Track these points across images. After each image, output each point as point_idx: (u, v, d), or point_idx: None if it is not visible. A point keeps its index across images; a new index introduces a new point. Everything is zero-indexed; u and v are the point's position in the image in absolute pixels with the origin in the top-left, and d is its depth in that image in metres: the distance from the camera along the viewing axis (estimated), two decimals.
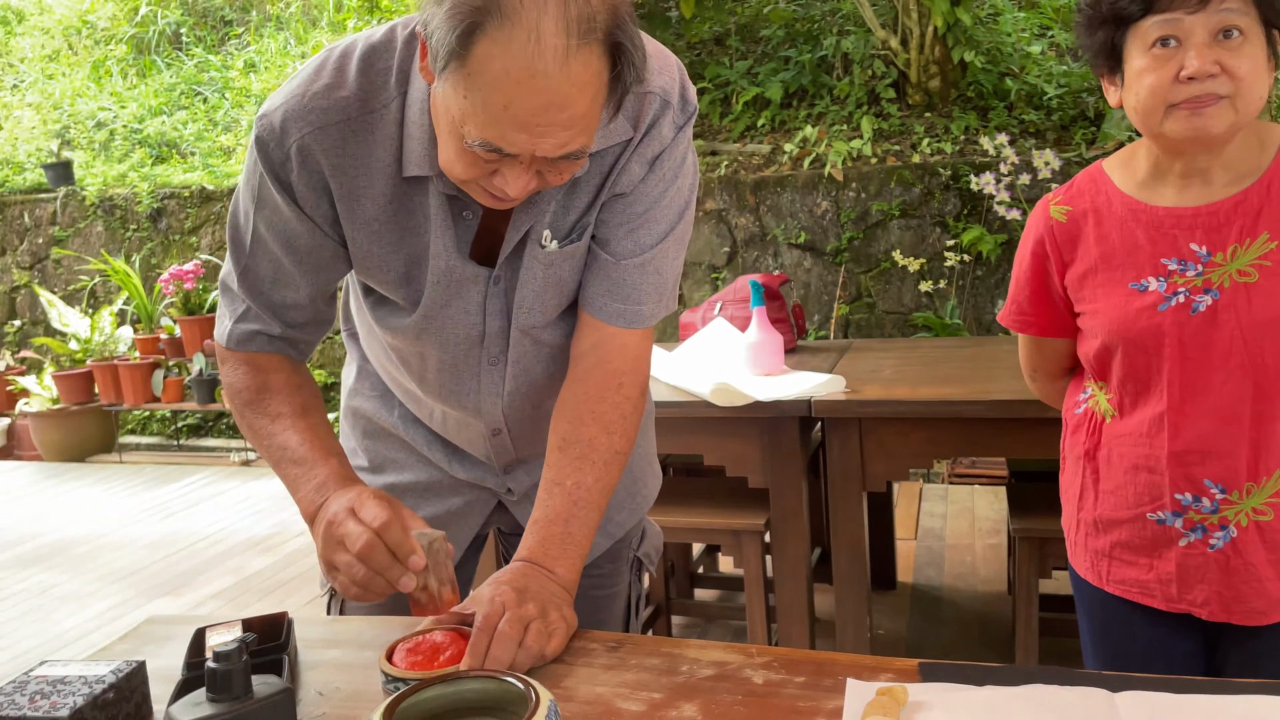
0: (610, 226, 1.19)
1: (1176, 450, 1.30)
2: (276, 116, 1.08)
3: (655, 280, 1.21)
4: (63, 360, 5.95)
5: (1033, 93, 4.94)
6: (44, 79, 8.02)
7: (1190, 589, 1.33)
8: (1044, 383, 1.56)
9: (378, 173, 1.10)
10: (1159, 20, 1.20)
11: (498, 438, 1.31)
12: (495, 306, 1.20)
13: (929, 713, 0.92)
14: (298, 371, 1.23)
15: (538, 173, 1.02)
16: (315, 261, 1.16)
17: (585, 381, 1.20)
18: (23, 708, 0.92)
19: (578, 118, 0.96)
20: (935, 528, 3.78)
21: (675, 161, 1.18)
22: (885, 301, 4.74)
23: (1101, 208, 1.35)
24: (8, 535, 4.48)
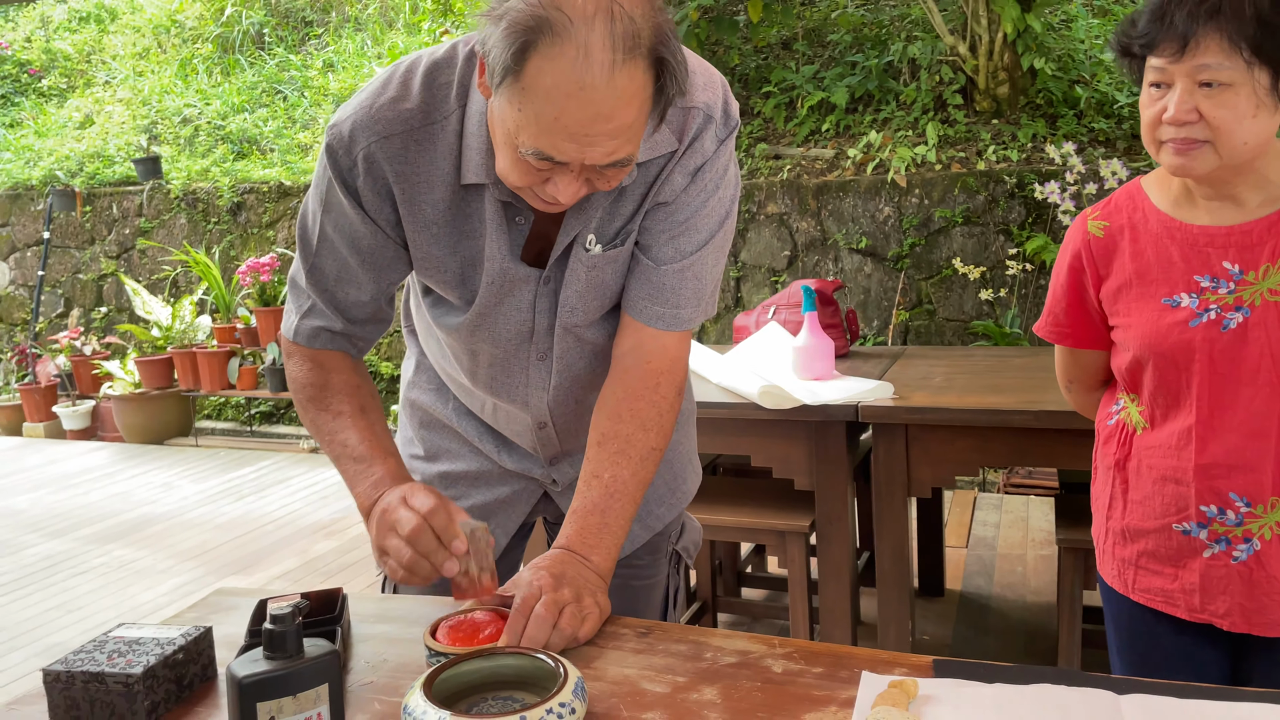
0: (653, 233, 1.25)
1: (1203, 463, 1.33)
2: (346, 126, 1.17)
3: (694, 285, 1.27)
4: (145, 346, 6.20)
5: (1104, 100, 4.88)
6: (134, 76, 8.35)
7: (1213, 600, 1.35)
8: (1079, 393, 1.59)
9: (438, 180, 1.18)
10: (1152, 63, 1.27)
11: (543, 430, 1.38)
12: (544, 305, 1.27)
13: (937, 706, 0.96)
14: (357, 371, 1.31)
15: (587, 179, 1.08)
16: (378, 261, 1.24)
17: (625, 380, 1.27)
18: (101, 664, 1.02)
19: (624, 128, 1.03)
20: (987, 537, 3.76)
21: (717, 173, 1.24)
22: (945, 309, 4.72)
23: (1138, 224, 1.39)
24: (90, 512, 4.71)
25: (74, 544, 4.25)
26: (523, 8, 0.97)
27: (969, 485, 4.41)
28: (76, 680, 1.01)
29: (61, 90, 8.76)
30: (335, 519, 4.46)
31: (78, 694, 1.01)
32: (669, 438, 1.28)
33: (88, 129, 7.82)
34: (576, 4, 0.97)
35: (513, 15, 0.98)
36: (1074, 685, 0.98)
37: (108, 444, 6.17)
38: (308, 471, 5.28)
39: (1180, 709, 0.94)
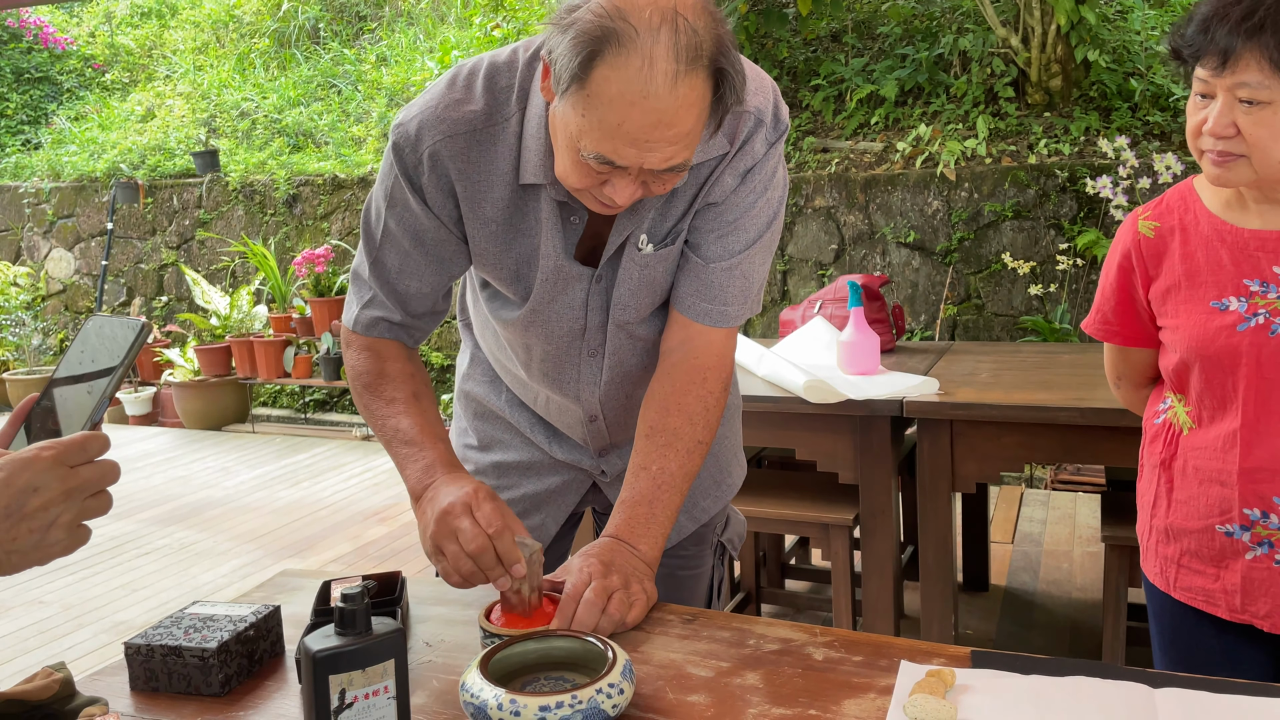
0: (702, 232, 1.29)
1: (1248, 467, 1.33)
2: (412, 125, 1.22)
3: (742, 284, 1.31)
4: (204, 335, 6.37)
5: (1159, 93, 4.81)
6: (194, 70, 8.55)
7: (1254, 601, 1.36)
8: (1128, 390, 1.59)
9: (497, 179, 1.23)
10: (1197, 73, 1.28)
11: (594, 423, 1.42)
12: (596, 303, 1.32)
13: (974, 696, 0.99)
14: (412, 360, 1.36)
15: (643, 183, 1.13)
16: (439, 254, 1.30)
17: (673, 375, 1.31)
18: (179, 638, 1.09)
19: (683, 134, 1.07)
20: (1034, 533, 3.75)
21: (766, 175, 1.28)
22: (994, 304, 4.69)
23: (1189, 225, 1.39)
24: (152, 495, 4.86)
25: (138, 526, 4.40)
26: (590, 18, 1.02)
27: (1016, 481, 4.39)
28: (156, 653, 1.07)
29: (124, 84, 9.00)
30: (388, 505, 4.56)
31: (156, 666, 1.08)
32: (715, 431, 1.32)
33: (149, 122, 8.02)
34: (643, 15, 1.01)
35: (581, 25, 1.02)
36: (1109, 678, 1.01)
37: (168, 429, 6.35)
38: (361, 458, 5.40)
39: (1215, 704, 0.96)
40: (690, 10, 1.03)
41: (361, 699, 0.80)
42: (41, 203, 7.52)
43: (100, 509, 0.78)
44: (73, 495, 0.76)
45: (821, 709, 0.98)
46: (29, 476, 0.75)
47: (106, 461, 0.79)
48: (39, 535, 0.75)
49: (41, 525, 0.75)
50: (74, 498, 0.76)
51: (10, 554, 0.75)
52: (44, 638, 3.28)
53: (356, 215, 6.46)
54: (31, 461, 0.75)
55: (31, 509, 0.74)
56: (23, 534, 0.74)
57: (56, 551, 0.77)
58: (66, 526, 0.76)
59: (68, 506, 0.76)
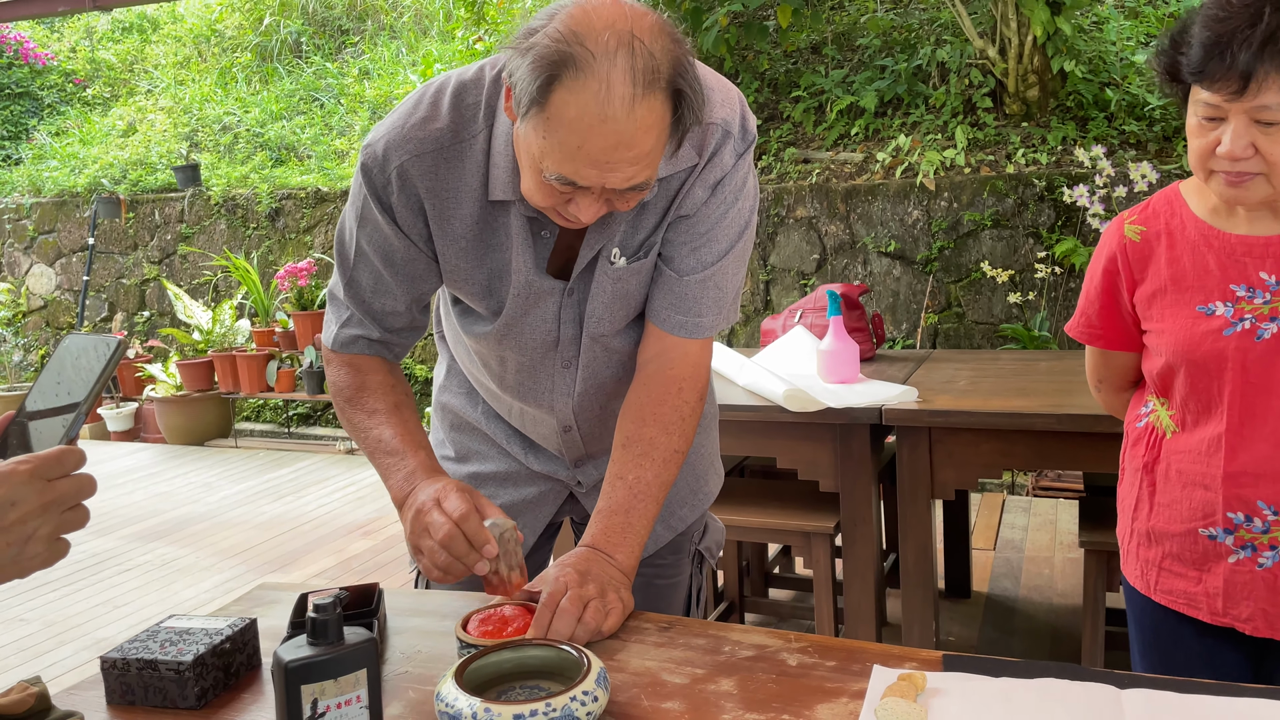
0: (675, 245, 1.30)
1: (1232, 471, 1.34)
2: (380, 146, 1.23)
3: (715, 294, 1.32)
4: (186, 350, 6.35)
5: (1134, 103, 4.86)
6: (175, 85, 8.53)
7: (1236, 604, 1.37)
8: (1109, 394, 1.60)
9: (466, 196, 1.24)
10: (1204, 98, 1.25)
11: (569, 434, 1.43)
12: (569, 316, 1.33)
13: (944, 699, 1.00)
14: (393, 373, 1.37)
15: (607, 200, 1.14)
16: (410, 273, 1.30)
17: (648, 386, 1.32)
18: (154, 652, 1.09)
19: (643, 155, 1.08)
20: (1015, 539, 3.77)
21: (736, 186, 1.29)
22: (974, 312, 4.72)
23: (1175, 230, 1.39)
24: (133, 511, 4.83)
25: (119, 542, 4.37)
26: (548, 43, 1.03)
27: (997, 488, 4.42)
28: (132, 667, 1.08)
29: (105, 99, 8.97)
30: (371, 519, 4.55)
31: (132, 680, 1.08)
32: (691, 441, 1.33)
33: (131, 137, 8.00)
34: (600, 40, 1.02)
35: (539, 49, 1.04)
36: (1077, 680, 1.02)
37: (150, 445, 6.32)
38: (344, 473, 5.38)
39: (1180, 704, 0.97)
40: (647, 33, 1.05)
41: (334, 708, 0.81)
42: (22, 218, 7.49)
43: (78, 522, 0.79)
44: (50, 509, 0.77)
45: (795, 714, 0.99)
46: (5, 491, 0.75)
47: (83, 475, 0.79)
48: (17, 549, 0.76)
49: (19, 539, 0.76)
50: (51, 511, 0.77)
51: None
52: (25, 655, 3.26)
53: None
54: (8, 476, 0.76)
55: (9, 522, 0.75)
56: (1, 547, 0.75)
57: (35, 565, 0.77)
58: (45, 539, 0.77)
59: (45, 520, 0.77)
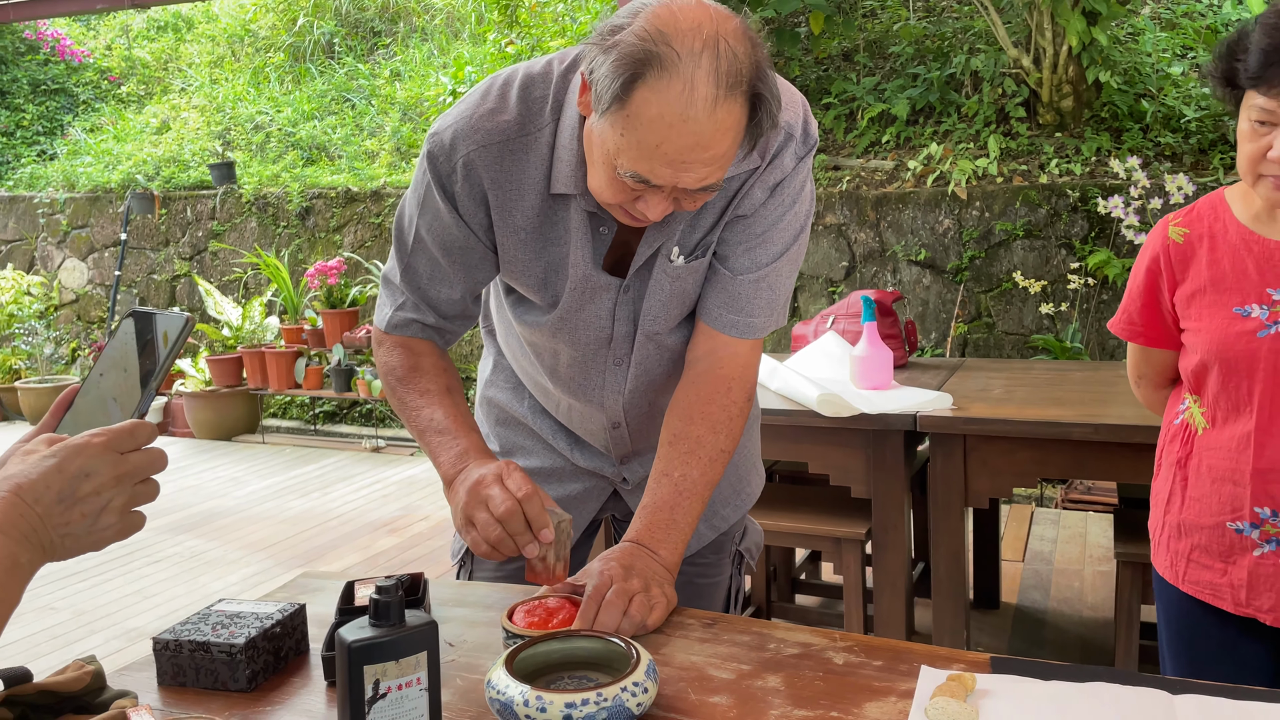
0: (731, 245, 1.31)
1: (1260, 467, 1.40)
2: (447, 135, 1.24)
3: (768, 295, 1.33)
4: (216, 346, 6.40)
5: (1170, 115, 4.83)
6: (209, 84, 8.62)
7: (1258, 595, 1.43)
8: (1148, 390, 1.66)
9: (529, 188, 1.25)
10: (1259, 102, 1.31)
11: (617, 430, 1.44)
12: (624, 313, 1.33)
13: (994, 700, 1.00)
14: (444, 357, 1.38)
15: (675, 199, 1.15)
16: (467, 262, 1.31)
17: (698, 384, 1.32)
18: (206, 634, 1.10)
19: (719, 156, 1.09)
20: (1044, 551, 3.75)
21: (795, 189, 1.30)
22: (1005, 322, 4.70)
23: (1217, 234, 1.45)
24: (162, 504, 4.87)
25: (148, 534, 4.41)
26: (634, 41, 1.04)
27: (1026, 500, 4.39)
28: (184, 649, 1.09)
29: (140, 97, 9.08)
30: (397, 516, 4.57)
31: (184, 661, 1.09)
32: (738, 441, 1.34)
33: (164, 134, 8.09)
34: (686, 40, 1.03)
35: (624, 46, 1.04)
36: (1129, 684, 1.01)
37: (179, 439, 6.38)
38: (370, 470, 5.41)
39: (1233, 710, 0.96)
40: (732, 35, 1.05)
41: (395, 690, 0.82)
42: (56, 213, 7.58)
43: (149, 495, 0.80)
44: (123, 481, 0.78)
45: (843, 711, 0.99)
46: (81, 462, 0.76)
47: (155, 449, 0.80)
48: (91, 520, 0.77)
49: (94, 510, 0.77)
50: (124, 483, 0.78)
51: (64, 538, 0.76)
52: (55, 643, 3.29)
53: (369, 228, 6.50)
54: (83, 448, 0.77)
55: (84, 494, 0.76)
56: (76, 519, 0.76)
57: (109, 536, 0.78)
58: (118, 511, 0.78)
59: (119, 491, 0.78)
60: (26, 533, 0.74)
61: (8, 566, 0.72)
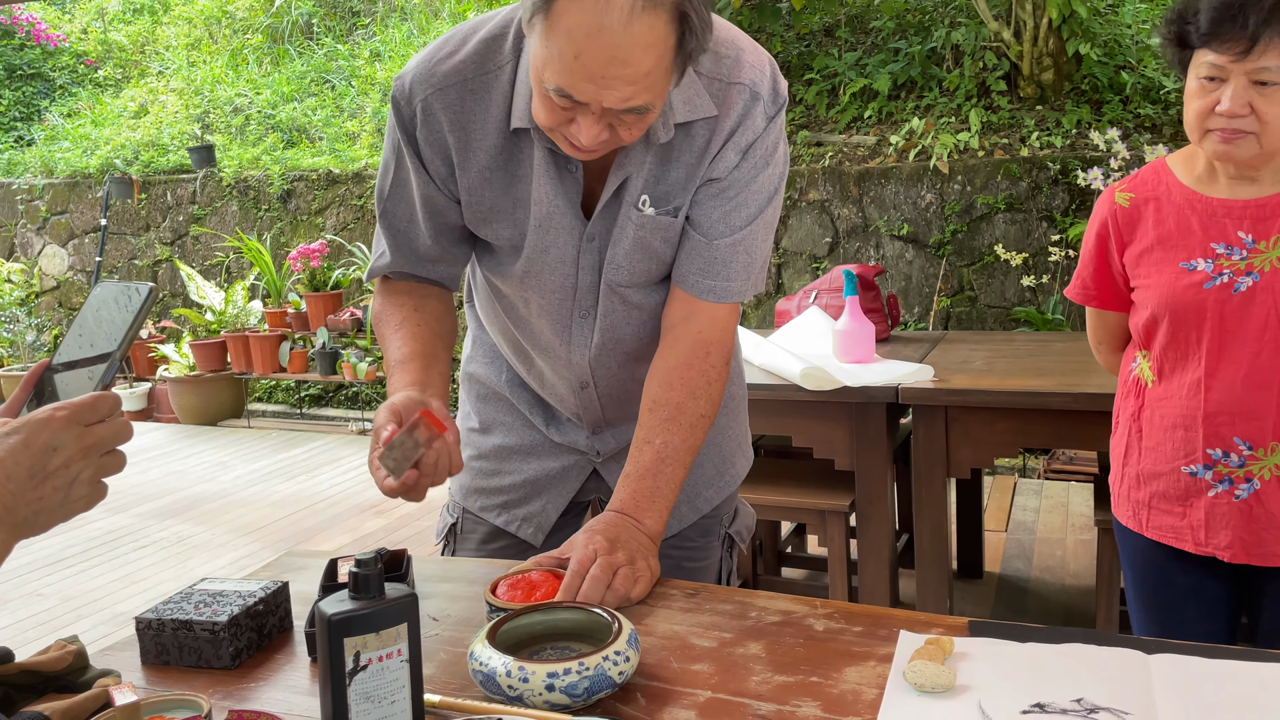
0: (704, 209, 1.30)
1: (1210, 411, 1.49)
2: (407, 79, 1.27)
3: (745, 259, 1.32)
4: (199, 330, 6.37)
5: (1150, 86, 4.84)
6: (187, 66, 8.53)
7: (1216, 534, 1.51)
8: (1107, 354, 1.74)
9: (491, 126, 1.26)
10: (1209, 59, 1.39)
11: (585, 391, 1.42)
12: (588, 261, 1.32)
13: (972, 662, 1.01)
14: (417, 294, 1.38)
15: (609, 125, 1.14)
16: (431, 208, 1.33)
17: (675, 349, 1.32)
18: (189, 613, 1.10)
19: (640, 75, 1.08)
20: (1027, 521, 3.78)
21: (766, 150, 1.29)
22: (987, 295, 4.72)
23: (1162, 196, 1.53)
24: (148, 490, 4.87)
25: (135, 520, 4.40)
26: None
27: (1009, 471, 4.42)
28: (167, 627, 1.09)
29: (117, 80, 8.97)
30: (384, 498, 4.57)
31: (167, 640, 1.09)
32: (718, 406, 1.34)
33: (143, 118, 8.01)
34: None
35: None
36: (1104, 645, 1.03)
37: (164, 425, 6.35)
38: (357, 453, 5.41)
39: (1206, 668, 0.98)
40: None
41: (375, 661, 0.82)
42: (35, 199, 7.51)
43: (116, 466, 0.81)
44: (90, 453, 0.78)
45: (823, 676, 1.00)
46: (47, 437, 0.76)
47: (119, 420, 0.81)
48: (63, 493, 0.77)
49: (64, 483, 0.77)
50: (91, 455, 0.78)
51: (38, 513, 0.77)
52: (44, 629, 3.29)
53: (351, 210, 6.46)
54: (48, 422, 0.77)
55: (54, 468, 0.77)
56: (48, 493, 0.76)
57: (79, 507, 0.79)
58: (88, 483, 0.79)
59: (87, 463, 0.78)
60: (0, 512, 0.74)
61: None
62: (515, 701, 0.93)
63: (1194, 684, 0.94)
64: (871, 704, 0.94)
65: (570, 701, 0.92)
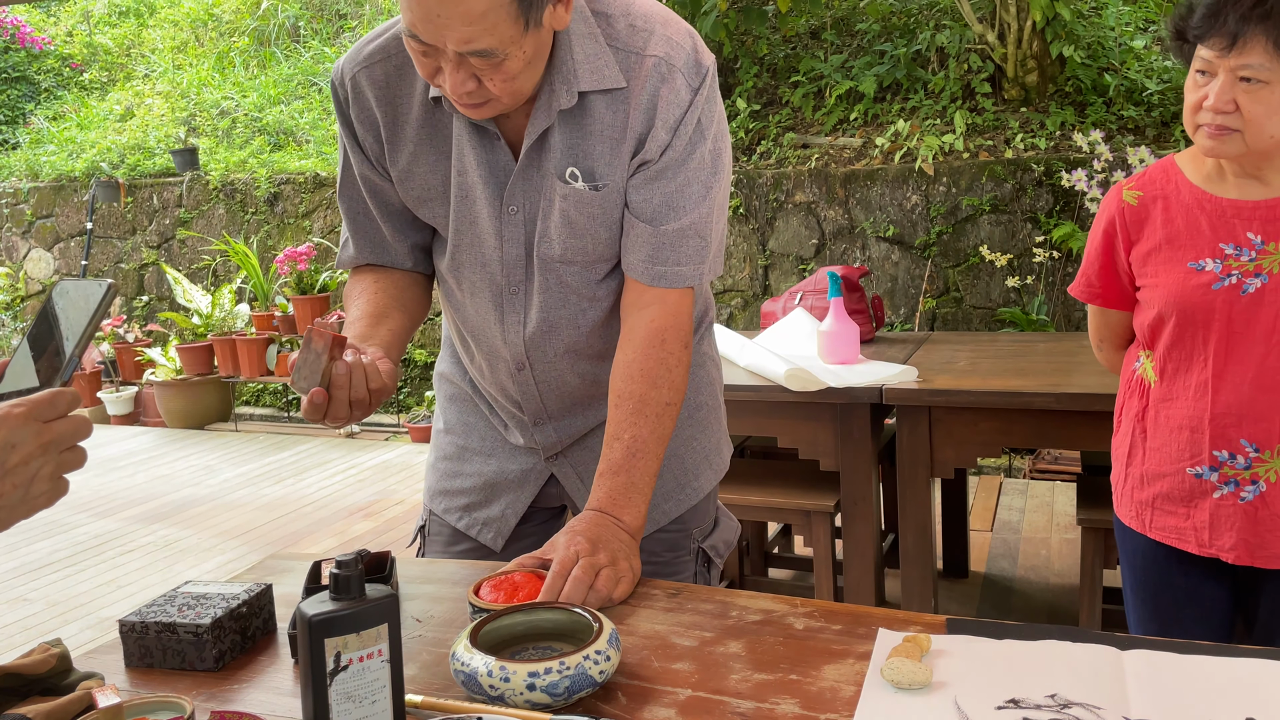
0: (645, 194, 1.29)
1: (1217, 413, 1.48)
2: (340, 63, 1.33)
3: (695, 243, 1.30)
4: (186, 334, 6.35)
5: (1133, 88, 4.87)
6: (173, 69, 8.51)
7: (1220, 535, 1.51)
8: (1109, 352, 1.73)
9: (416, 99, 1.29)
10: (1200, 54, 1.41)
11: (522, 374, 1.40)
12: (512, 234, 1.32)
13: (949, 659, 1.02)
14: (384, 271, 1.41)
15: (472, 76, 1.15)
16: (373, 190, 1.37)
17: (631, 341, 1.31)
18: (173, 615, 1.11)
19: (475, 16, 1.09)
20: (1012, 521, 3.81)
21: (697, 122, 1.27)
22: (972, 296, 4.75)
23: (1170, 195, 1.53)
24: (135, 494, 4.85)
25: (121, 524, 4.39)
26: None
27: (995, 471, 4.45)
28: (150, 630, 1.09)
29: (102, 83, 8.94)
30: (373, 501, 4.57)
31: (151, 643, 1.10)
32: (683, 392, 1.32)
33: (128, 121, 7.98)
34: None
35: None
36: (1079, 641, 1.04)
37: (150, 429, 6.33)
38: (345, 455, 5.40)
39: (1179, 664, 0.99)
40: None
41: (356, 662, 0.83)
42: (20, 203, 7.48)
43: (76, 462, 0.81)
44: (49, 449, 0.79)
45: (802, 674, 1.01)
46: (4, 434, 0.77)
47: (78, 416, 0.81)
48: (23, 490, 0.77)
49: (24, 480, 0.77)
50: (50, 451, 0.79)
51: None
52: (30, 634, 3.28)
53: (338, 213, 6.45)
54: (4, 419, 0.77)
55: (12, 464, 0.77)
56: (8, 489, 0.77)
57: (41, 503, 0.79)
58: (48, 479, 0.79)
59: (46, 460, 0.79)
60: None
61: None
62: (497, 701, 0.94)
63: (1166, 679, 0.96)
64: (849, 701, 0.95)
65: (551, 701, 0.93)
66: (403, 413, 6.05)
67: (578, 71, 1.23)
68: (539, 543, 1.54)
